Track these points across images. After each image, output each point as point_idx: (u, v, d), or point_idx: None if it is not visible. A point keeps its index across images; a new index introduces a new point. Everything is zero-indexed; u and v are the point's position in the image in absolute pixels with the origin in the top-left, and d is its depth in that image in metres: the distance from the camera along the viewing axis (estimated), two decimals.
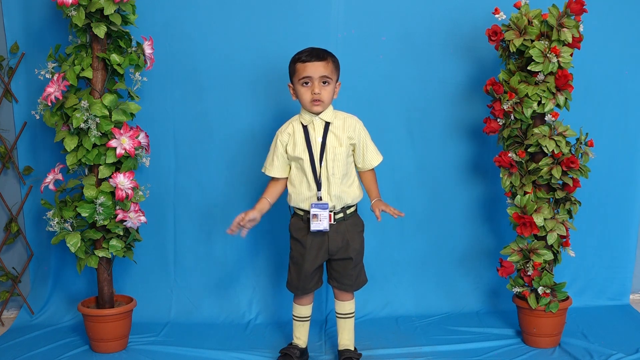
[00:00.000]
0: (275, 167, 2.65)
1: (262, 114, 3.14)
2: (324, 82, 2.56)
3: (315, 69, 2.54)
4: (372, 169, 2.70)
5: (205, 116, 3.16)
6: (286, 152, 2.62)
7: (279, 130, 2.66)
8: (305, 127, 2.60)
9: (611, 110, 3.26)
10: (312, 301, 2.76)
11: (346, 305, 2.71)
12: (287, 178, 2.66)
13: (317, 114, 2.59)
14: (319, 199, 2.57)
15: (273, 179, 2.67)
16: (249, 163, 3.18)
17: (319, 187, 2.57)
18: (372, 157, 2.66)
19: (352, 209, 2.65)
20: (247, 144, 3.18)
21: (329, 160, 2.57)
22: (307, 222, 2.60)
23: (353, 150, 2.65)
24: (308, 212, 2.59)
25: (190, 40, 3.10)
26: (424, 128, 3.22)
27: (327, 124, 2.60)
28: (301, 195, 2.59)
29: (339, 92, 2.66)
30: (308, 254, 2.61)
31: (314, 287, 2.69)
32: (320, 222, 2.56)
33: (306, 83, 2.56)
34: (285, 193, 2.68)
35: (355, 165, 2.67)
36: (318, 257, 2.62)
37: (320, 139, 2.59)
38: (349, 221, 2.63)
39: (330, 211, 2.58)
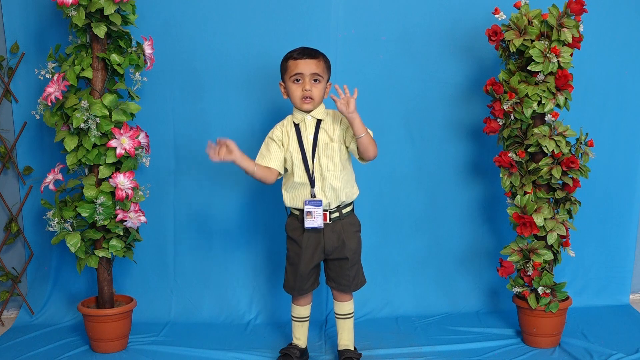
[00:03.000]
0: (272, 157, 2.60)
1: (261, 113, 3.14)
2: (315, 80, 2.58)
3: (307, 66, 2.56)
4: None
5: (205, 116, 3.16)
6: (282, 145, 2.62)
7: (269, 133, 2.67)
8: (297, 126, 2.61)
9: (611, 110, 3.25)
10: (311, 302, 2.76)
11: (345, 306, 2.71)
12: (278, 173, 2.62)
13: (308, 112, 2.60)
14: (313, 196, 2.58)
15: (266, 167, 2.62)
16: None
17: (312, 184, 2.58)
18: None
19: (349, 209, 2.65)
20: (247, 144, 3.16)
21: (322, 156, 2.58)
22: (303, 221, 2.60)
23: (345, 144, 2.61)
24: (303, 211, 2.59)
25: (190, 40, 3.10)
26: (424, 128, 3.22)
27: (319, 122, 2.61)
28: (295, 193, 2.60)
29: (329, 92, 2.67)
30: (304, 253, 2.61)
31: (310, 287, 2.69)
32: (314, 220, 2.57)
33: (297, 80, 2.58)
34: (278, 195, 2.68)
35: (353, 150, 2.59)
36: (314, 257, 2.62)
37: (311, 137, 2.60)
38: (345, 220, 2.63)
39: (325, 210, 2.59)
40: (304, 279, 2.65)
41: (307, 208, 2.56)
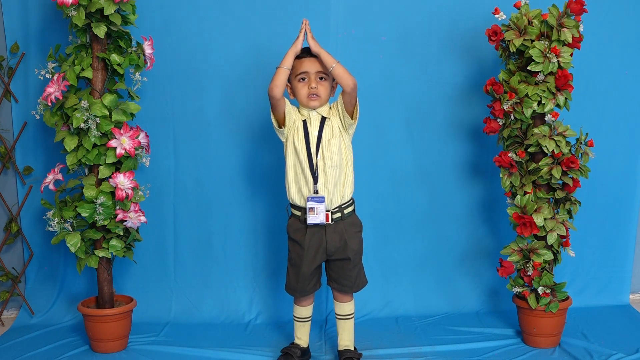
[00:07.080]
0: (286, 105, 2.60)
1: (261, 113, 3.14)
2: (321, 78, 2.59)
3: (312, 64, 2.58)
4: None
5: (204, 116, 3.16)
6: (284, 112, 2.59)
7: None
8: (304, 122, 2.62)
9: (611, 110, 3.25)
10: (313, 302, 2.76)
11: (345, 307, 2.71)
12: (284, 100, 2.59)
13: (314, 108, 2.61)
14: (316, 192, 2.58)
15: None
16: (249, 162, 3.18)
17: (315, 180, 2.58)
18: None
19: (350, 209, 2.65)
20: (247, 144, 3.18)
21: (325, 152, 2.58)
22: (305, 221, 2.60)
23: (341, 116, 2.61)
24: (305, 210, 2.59)
25: (190, 40, 3.10)
26: (424, 128, 3.22)
27: (324, 119, 2.62)
28: (298, 189, 2.60)
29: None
30: (306, 254, 2.61)
31: (312, 289, 2.69)
32: (317, 216, 2.57)
33: (303, 79, 2.59)
34: None
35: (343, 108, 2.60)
36: (316, 258, 2.62)
37: (316, 133, 2.60)
38: (347, 221, 2.63)
39: (327, 210, 2.59)
40: (306, 280, 2.65)
41: (309, 204, 2.57)
